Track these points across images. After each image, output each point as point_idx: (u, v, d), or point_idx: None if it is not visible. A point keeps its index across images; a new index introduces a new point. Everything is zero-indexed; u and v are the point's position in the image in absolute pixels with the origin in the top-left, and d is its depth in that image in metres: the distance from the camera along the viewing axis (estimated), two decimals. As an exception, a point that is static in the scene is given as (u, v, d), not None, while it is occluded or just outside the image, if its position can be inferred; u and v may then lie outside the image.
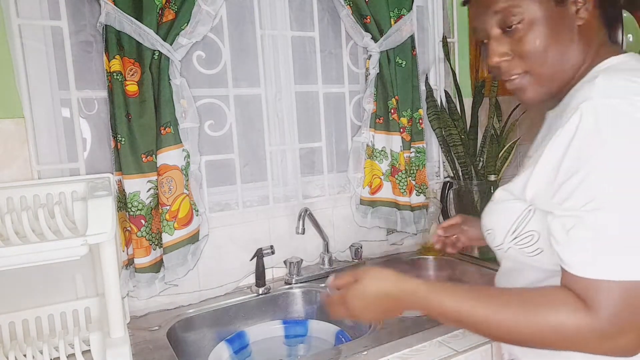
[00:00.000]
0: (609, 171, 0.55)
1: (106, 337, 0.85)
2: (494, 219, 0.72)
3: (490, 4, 0.68)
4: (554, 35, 0.65)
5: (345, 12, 1.35)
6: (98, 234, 0.77)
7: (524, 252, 0.68)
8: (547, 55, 0.66)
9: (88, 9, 1.10)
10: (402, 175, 1.41)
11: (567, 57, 0.67)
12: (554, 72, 0.67)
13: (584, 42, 0.67)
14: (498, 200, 0.72)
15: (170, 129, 1.09)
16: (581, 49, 0.67)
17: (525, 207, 0.67)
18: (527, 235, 0.67)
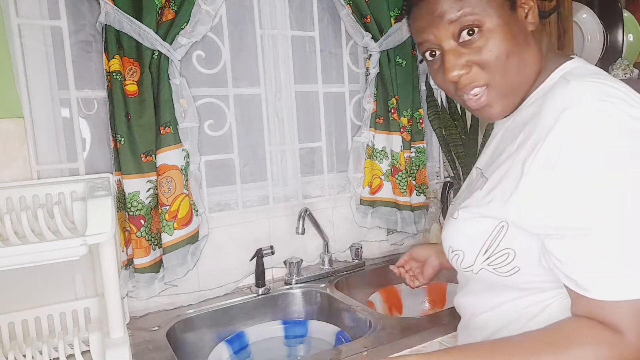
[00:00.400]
0: (612, 185, 0.52)
1: (106, 338, 0.85)
2: (461, 238, 0.66)
3: (443, 14, 0.61)
4: (513, 42, 0.61)
5: (345, 11, 1.35)
6: (97, 234, 0.77)
7: (498, 272, 0.63)
8: (508, 63, 0.61)
9: (87, 9, 1.10)
10: (402, 175, 1.41)
11: (527, 64, 0.63)
12: (517, 80, 0.63)
13: (537, 47, 0.64)
14: (462, 219, 0.66)
15: (170, 128, 1.09)
16: (537, 54, 0.64)
17: (497, 224, 0.61)
18: (502, 254, 0.62)
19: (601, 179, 0.52)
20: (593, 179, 0.52)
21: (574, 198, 0.53)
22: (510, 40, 0.61)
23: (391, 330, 1.00)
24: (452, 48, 0.63)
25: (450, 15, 0.61)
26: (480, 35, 0.61)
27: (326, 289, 1.27)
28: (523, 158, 0.58)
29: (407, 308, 1.37)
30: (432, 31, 0.63)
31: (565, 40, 1.46)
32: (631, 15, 1.68)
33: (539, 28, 0.65)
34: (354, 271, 1.40)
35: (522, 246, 0.60)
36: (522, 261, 0.61)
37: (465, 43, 0.62)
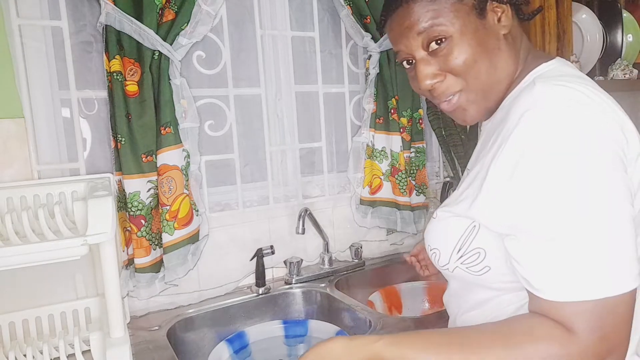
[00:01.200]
0: (564, 190, 0.52)
1: (106, 337, 0.85)
2: (438, 237, 0.67)
3: (412, 25, 0.63)
4: (481, 47, 0.63)
5: (345, 12, 1.35)
6: (98, 234, 0.77)
7: (471, 271, 0.64)
8: (479, 67, 0.63)
9: (88, 9, 1.10)
10: (402, 175, 1.41)
11: (499, 67, 0.64)
12: (489, 83, 0.64)
13: (511, 50, 0.65)
14: (440, 218, 0.67)
15: (170, 129, 1.09)
16: (511, 57, 0.65)
17: (469, 224, 0.63)
18: (473, 253, 0.63)
19: (554, 183, 0.53)
20: (546, 183, 0.53)
21: (528, 201, 0.54)
22: (477, 46, 0.62)
23: (391, 330, 1.00)
24: (422, 57, 0.65)
25: (418, 27, 0.63)
26: (447, 44, 0.63)
27: (326, 288, 1.28)
28: (490, 160, 0.59)
29: (407, 308, 1.37)
30: (404, 42, 0.66)
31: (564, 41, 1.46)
32: (630, 15, 1.68)
33: (517, 31, 0.67)
34: (354, 271, 1.40)
35: (491, 246, 0.61)
36: (492, 261, 0.62)
37: (435, 52, 0.64)
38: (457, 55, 0.63)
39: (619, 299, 0.52)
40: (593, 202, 0.52)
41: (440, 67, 0.64)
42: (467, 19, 0.62)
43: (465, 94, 0.65)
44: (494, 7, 0.64)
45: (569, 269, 0.53)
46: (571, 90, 0.56)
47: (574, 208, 0.52)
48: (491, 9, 0.64)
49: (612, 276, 0.52)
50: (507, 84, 0.66)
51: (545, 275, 0.54)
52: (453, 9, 0.62)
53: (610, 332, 0.52)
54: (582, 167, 0.52)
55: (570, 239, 0.52)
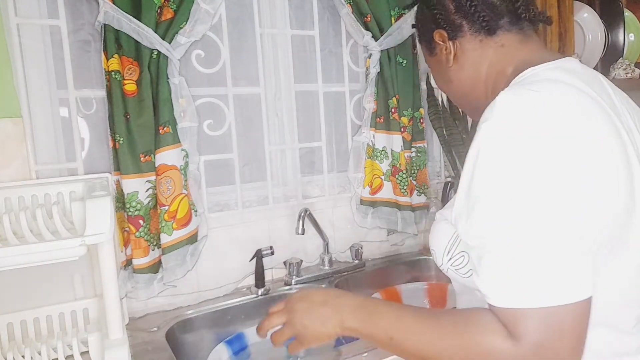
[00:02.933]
0: (510, 198, 0.53)
1: (105, 338, 0.84)
2: (433, 238, 0.71)
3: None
4: (439, 75, 0.80)
5: (345, 10, 1.34)
6: (96, 234, 0.76)
7: (459, 273, 0.67)
8: (444, 90, 0.81)
9: (86, 8, 1.09)
10: (403, 175, 1.41)
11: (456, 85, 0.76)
12: (459, 102, 0.81)
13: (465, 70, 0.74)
14: (436, 221, 0.72)
15: (169, 128, 1.09)
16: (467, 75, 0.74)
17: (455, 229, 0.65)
18: (460, 257, 0.66)
19: (492, 193, 0.54)
20: (486, 194, 0.55)
21: (473, 210, 0.56)
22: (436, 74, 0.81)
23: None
24: None
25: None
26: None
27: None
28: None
29: (407, 308, 1.36)
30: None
31: (565, 40, 1.45)
32: (632, 14, 1.68)
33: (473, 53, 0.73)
34: (354, 272, 1.39)
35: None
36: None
37: None
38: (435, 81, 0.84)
39: (565, 309, 0.52)
40: (535, 211, 0.52)
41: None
42: (427, 56, 0.81)
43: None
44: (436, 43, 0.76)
45: (510, 276, 0.53)
46: (526, 100, 0.57)
47: (512, 219, 0.53)
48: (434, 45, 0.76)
49: (557, 285, 0.52)
50: (480, 95, 0.74)
51: (489, 281, 0.55)
52: (421, 49, 0.82)
53: (552, 341, 0.52)
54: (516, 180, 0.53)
55: (510, 246, 0.53)
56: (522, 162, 0.53)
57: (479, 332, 0.56)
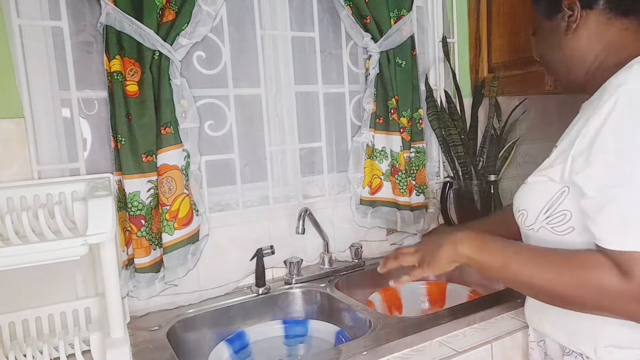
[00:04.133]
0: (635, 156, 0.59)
1: (106, 337, 0.85)
2: (527, 199, 0.75)
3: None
4: (547, 39, 0.79)
5: (345, 12, 1.35)
6: (98, 234, 0.77)
7: (555, 231, 0.71)
8: (544, 57, 0.82)
9: (88, 9, 1.10)
10: (402, 175, 1.42)
11: (566, 59, 0.77)
12: (554, 69, 0.82)
13: (581, 43, 0.75)
14: (531, 183, 0.75)
15: (171, 129, 1.09)
16: (580, 49, 0.75)
17: (560, 188, 0.69)
18: (560, 214, 0.70)
19: (625, 148, 0.59)
20: (619, 147, 0.60)
21: (599, 162, 0.61)
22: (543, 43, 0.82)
23: (391, 330, 1.00)
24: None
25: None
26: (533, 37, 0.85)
27: (326, 288, 1.28)
28: (581, 125, 0.66)
29: (407, 308, 1.37)
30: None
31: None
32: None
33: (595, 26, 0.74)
34: (354, 271, 1.40)
35: (578, 209, 0.67)
36: (577, 222, 0.69)
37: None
38: (535, 46, 0.84)
39: None
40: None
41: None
42: (540, 19, 0.80)
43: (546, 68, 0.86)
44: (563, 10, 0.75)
45: (629, 220, 0.59)
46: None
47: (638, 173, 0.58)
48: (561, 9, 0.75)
49: None
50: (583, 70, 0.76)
51: (607, 225, 0.61)
52: (534, 10, 0.81)
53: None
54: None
55: (633, 193, 0.59)
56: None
57: (593, 268, 0.62)
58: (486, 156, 1.51)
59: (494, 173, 1.47)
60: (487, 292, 1.25)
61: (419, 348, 0.95)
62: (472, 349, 0.94)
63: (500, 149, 1.49)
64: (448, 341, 0.97)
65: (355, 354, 0.91)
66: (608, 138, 0.61)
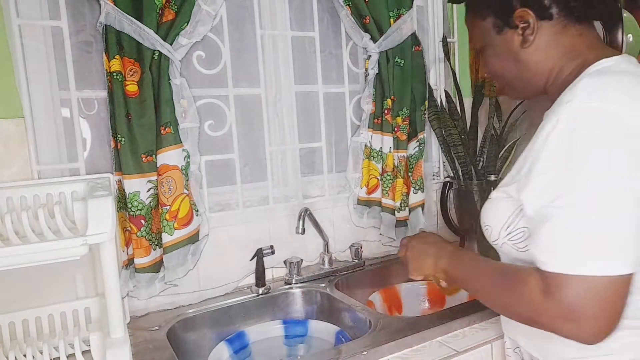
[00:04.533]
0: (579, 171, 0.58)
1: (106, 337, 0.85)
2: (491, 215, 0.76)
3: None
4: (501, 54, 0.76)
5: (344, 12, 1.35)
6: (98, 234, 0.77)
7: (517, 247, 0.71)
8: (498, 73, 0.79)
9: (88, 9, 1.10)
10: (387, 177, 1.42)
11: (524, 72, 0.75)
12: (511, 83, 0.79)
13: (537, 55, 0.73)
14: (494, 199, 0.75)
15: (170, 129, 1.09)
16: (538, 60, 0.74)
17: (517, 205, 0.69)
18: (519, 232, 0.70)
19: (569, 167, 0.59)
20: (562, 165, 0.60)
21: (538, 181, 0.62)
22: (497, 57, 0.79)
23: (391, 330, 1.00)
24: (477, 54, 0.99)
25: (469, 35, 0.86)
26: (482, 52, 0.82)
27: (326, 288, 1.28)
28: (532, 145, 0.66)
29: (407, 308, 1.37)
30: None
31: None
32: (630, 15, 1.68)
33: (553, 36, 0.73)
34: (354, 271, 1.40)
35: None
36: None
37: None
38: (486, 63, 0.80)
39: (603, 280, 0.57)
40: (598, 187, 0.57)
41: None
42: (488, 36, 0.77)
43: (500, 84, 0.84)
44: (516, 23, 0.73)
45: (562, 242, 0.60)
46: (612, 88, 0.61)
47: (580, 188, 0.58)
48: (512, 24, 0.73)
49: (601, 257, 0.57)
50: (542, 81, 0.75)
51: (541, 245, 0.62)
52: (479, 26, 0.78)
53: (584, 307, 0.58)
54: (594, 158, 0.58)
55: (568, 215, 0.59)
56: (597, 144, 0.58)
57: (523, 284, 0.64)
58: (486, 156, 1.50)
59: (494, 173, 1.47)
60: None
61: (418, 348, 0.95)
62: (472, 349, 0.94)
63: (501, 149, 1.49)
64: (448, 341, 0.97)
65: (355, 354, 0.91)
66: (547, 157, 0.61)
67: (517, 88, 0.80)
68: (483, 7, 0.76)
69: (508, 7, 0.72)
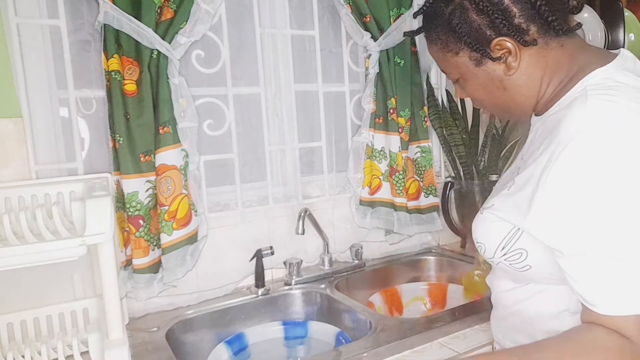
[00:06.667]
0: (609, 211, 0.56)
1: (104, 338, 0.84)
2: (484, 233, 0.72)
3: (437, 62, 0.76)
4: (484, 89, 0.72)
5: (344, 11, 1.34)
6: (96, 234, 0.76)
7: (514, 267, 0.70)
8: (486, 103, 0.75)
9: (86, 8, 1.09)
10: (399, 176, 1.41)
11: (509, 99, 0.71)
12: (502, 109, 0.74)
13: (524, 79, 0.69)
14: (486, 218, 0.71)
15: (169, 128, 1.09)
16: (525, 85, 0.69)
17: (512, 227, 0.67)
18: (516, 253, 0.68)
19: (599, 204, 0.56)
20: (592, 204, 0.57)
21: (574, 220, 0.58)
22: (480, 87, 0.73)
23: (391, 331, 0.99)
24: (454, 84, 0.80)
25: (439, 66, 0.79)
26: (460, 82, 0.76)
27: (326, 289, 1.27)
28: (540, 171, 0.62)
29: (407, 309, 1.36)
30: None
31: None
32: (632, 14, 1.68)
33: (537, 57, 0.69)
34: (354, 272, 1.39)
35: (533, 248, 0.66)
36: (534, 261, 0.67)
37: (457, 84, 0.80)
38: (467, 92, 0.75)
39: None
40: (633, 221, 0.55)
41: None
42: (466, 69, 0.71)
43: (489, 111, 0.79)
44: (495, 52, 0.67)
45: (621, 284, 0.57)
46: (622, 110, 0.58)
47: (619, 229, 0.56)
48: (491, 55, 0.67)
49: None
50: (533, 100, 0.71)
51: (599, 290, 0.58)
52: (452, 61, 0.72)
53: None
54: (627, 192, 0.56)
55: (623, 258, 0.56)
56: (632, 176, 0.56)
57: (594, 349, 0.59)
58: (488, 156, 1.50)
59: (495, 173, 1.47)
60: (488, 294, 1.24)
61: (419, 349, 0.95)
62: (472, 350, 0.93)
63: (502, 148, 1.48)
64: (448, 343, 0.97)
65: (356, 356, 0.90)
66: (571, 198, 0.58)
67: (508, 113, 0.75)
68: (452, 43, 0.70)
69: (483, 39, 0.67)
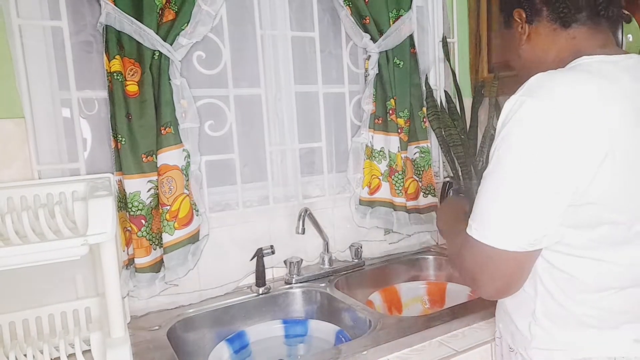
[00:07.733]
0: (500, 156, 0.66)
1: (106, 337, 0.85)
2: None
3: None
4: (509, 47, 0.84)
5: (344, 12, 1.35)
6: (98, 234, 0.77)
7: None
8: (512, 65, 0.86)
9: (88, 9, 1.10)
10: (398, 176, 1.42)
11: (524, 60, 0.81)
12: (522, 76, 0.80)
13: (536, 47, 0.78)
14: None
15: (171, 129, 1.09)
16: (535, 51, 0.78)
17: None
18: None
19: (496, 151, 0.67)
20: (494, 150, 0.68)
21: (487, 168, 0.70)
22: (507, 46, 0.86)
23: (391, 330, 1.00)
24: None
25: None
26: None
27: (326, 288, 1.28)
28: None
29: (406, 308, 1.37)
30: None
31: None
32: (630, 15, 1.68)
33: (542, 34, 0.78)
34: (354, 271, 1.40)
35: None
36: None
37: None
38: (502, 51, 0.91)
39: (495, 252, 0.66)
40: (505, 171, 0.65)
41: None
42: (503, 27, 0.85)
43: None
44: (515, 20, 0.79)
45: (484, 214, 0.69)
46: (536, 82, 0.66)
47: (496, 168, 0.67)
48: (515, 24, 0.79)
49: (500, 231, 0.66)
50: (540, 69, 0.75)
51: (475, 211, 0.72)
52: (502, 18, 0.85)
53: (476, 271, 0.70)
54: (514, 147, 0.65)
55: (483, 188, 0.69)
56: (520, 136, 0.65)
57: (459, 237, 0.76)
58: (486, 156, 1.50)
59: (493, 173, 1.47)
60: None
61: (418, 348, 0.95)
62: (471, 348, 0.94)
63: (500, 148, 1.48)
64: (448, 341, 0.97)
65: (355, 354, 0.91)
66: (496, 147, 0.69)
67: (522, 80, 0.84)
68: (502, 3, 0.85)
69: (510, 5, 0.79)
